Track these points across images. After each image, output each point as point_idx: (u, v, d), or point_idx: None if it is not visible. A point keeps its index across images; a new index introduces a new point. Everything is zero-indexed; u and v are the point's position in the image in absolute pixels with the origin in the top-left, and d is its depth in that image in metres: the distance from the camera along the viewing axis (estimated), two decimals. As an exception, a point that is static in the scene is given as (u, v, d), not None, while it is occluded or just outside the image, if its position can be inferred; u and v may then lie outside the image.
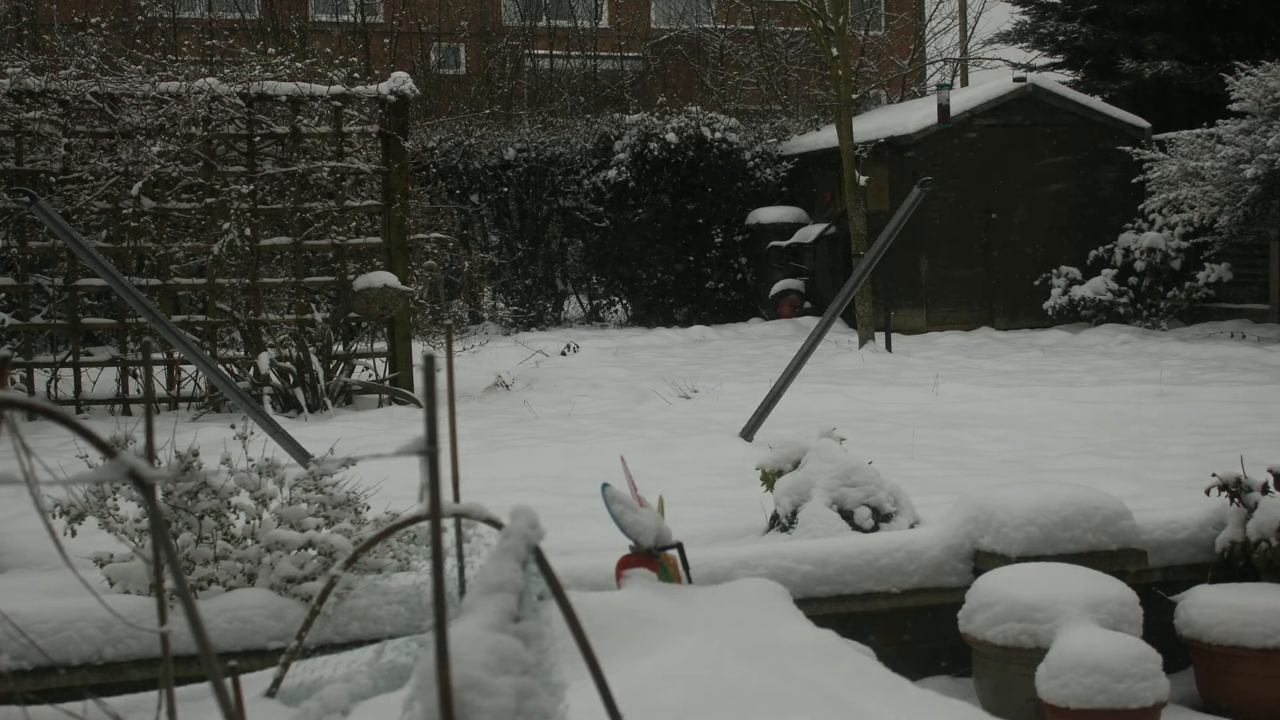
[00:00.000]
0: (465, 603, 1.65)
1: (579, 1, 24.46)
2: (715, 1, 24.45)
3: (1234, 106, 12.20)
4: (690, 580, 3.62)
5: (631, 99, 22.23)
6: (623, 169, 16.20)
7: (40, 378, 9.34)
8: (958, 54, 23.66)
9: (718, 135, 16.26)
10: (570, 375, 10.32)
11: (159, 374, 9.46)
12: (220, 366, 8.07)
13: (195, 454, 3.57)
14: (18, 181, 8.85)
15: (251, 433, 4.03)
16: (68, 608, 3.50)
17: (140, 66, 10.00)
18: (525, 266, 16.87)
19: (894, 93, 23.47)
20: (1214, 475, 4.54)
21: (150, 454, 1.90)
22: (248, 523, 3.64)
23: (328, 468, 3.65)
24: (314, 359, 8.65)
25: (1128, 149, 14.20)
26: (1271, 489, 4.34)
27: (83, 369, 9.34)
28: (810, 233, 15.51)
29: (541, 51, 23.33)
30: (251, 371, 8.72)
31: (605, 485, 3.52)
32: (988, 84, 15.76)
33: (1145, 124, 15.06)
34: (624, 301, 17.27)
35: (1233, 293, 13.65)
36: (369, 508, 3.73)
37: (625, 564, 3.54)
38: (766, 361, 11.09)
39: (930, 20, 24.53)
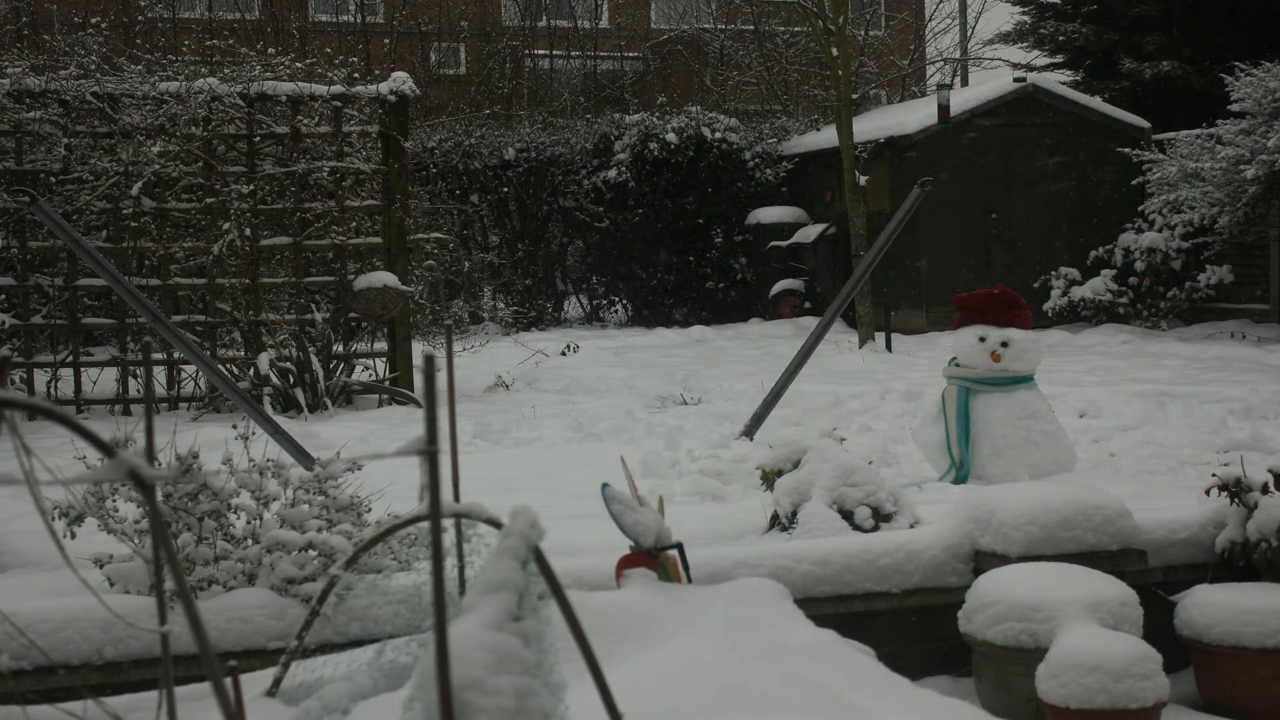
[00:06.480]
0: (465, 602, 1.65)
1: (579, 1, 24.44)
2: (715, 1, 24.45)
3: (1234, 107, 12.19)
4: (690, 580, 3.62)
5: (631, 99, 22.21)
6: (623, 169, 16.19)
7: (40, 378, 9.33)
8: (958, 54, 23.65)
9: (718, 135, 16.25)
10: (570, 375, 10.31)
11: (159, 374, 9.46)
12: (220, 366, 8.07)
13: (195, 455, 3.57)
14: (18, 181, 8.85)
15: (252, 433, 4.03)
16: (68, 608, 3.50)
17: (140, 66, 10.01)
18: (525, 267, 16.86)
19: (894, 93, 23.46)
20: (1214, 475, 4.54)
21: (150, 454, 1.90)
22: (248, 523, 3.64)
23: (333, 470, 3.65)
24: (314, 359, 8.65)
25: (1127, 149, 14.20)
26: (1271, 489, 4.34)
27: (83, 369, 9.33)
28: (810, 233, 15.51)
29: (541, 51, 23.32)
30: (251, 371, 8.72)
31: (605, 485, 3.53)
32: (988, 84, 15.76)
33: (1145, 124, 15.06)
34: (624, 301, 17.26)
35: (1233, 293, 13.63)
36: (369, 509, 3.73)
37: (625, 564, 3.54)
38: (766, 361, 11.08)
39: (930, 20, 24.54)
